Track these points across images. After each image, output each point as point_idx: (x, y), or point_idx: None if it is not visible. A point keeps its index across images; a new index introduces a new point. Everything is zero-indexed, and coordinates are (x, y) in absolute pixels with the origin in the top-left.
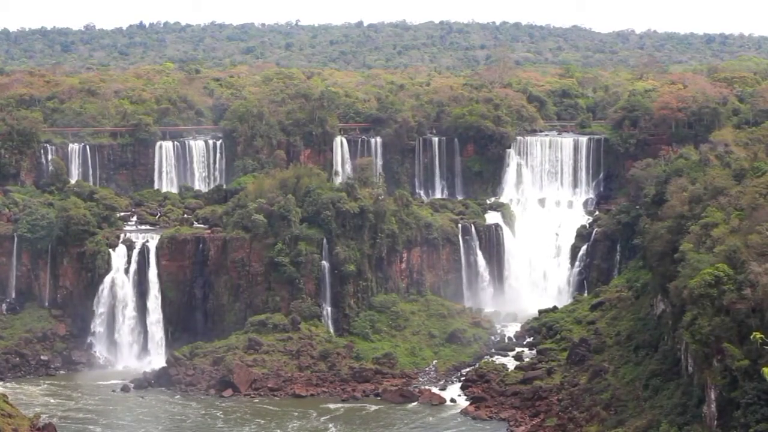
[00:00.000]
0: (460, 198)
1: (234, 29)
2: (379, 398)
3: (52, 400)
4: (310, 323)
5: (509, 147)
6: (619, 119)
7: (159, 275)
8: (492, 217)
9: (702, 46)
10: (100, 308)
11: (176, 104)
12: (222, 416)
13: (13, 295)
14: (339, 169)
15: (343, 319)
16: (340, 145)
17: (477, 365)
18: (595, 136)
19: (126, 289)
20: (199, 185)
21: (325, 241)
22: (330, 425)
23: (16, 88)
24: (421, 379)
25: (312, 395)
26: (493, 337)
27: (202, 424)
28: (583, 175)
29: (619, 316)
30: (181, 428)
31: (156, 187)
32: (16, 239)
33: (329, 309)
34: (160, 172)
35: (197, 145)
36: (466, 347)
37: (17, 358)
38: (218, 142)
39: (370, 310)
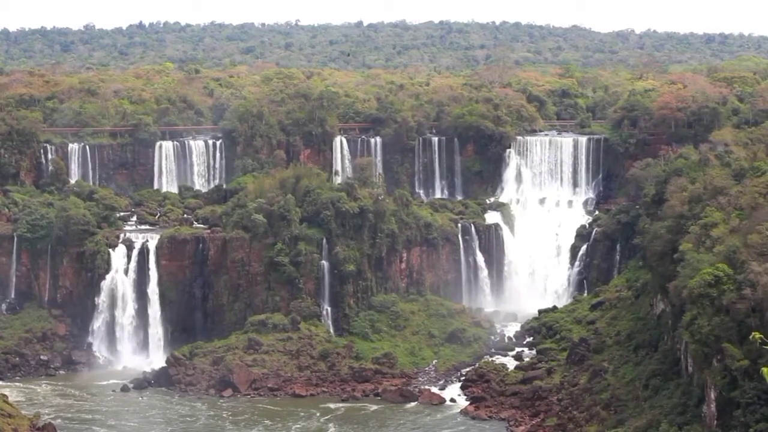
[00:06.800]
0: (459, 198)
1: (234, 29)
2: (378, 398)
3: (58, 400)
4: (310, 323)
5: (509, 147)
6: (619, 119)
7: (159, 275)
8: (492, 217)
9: (702, 46)
10: (100, 308)
11: (176, 104)
12: (230, 417)
13: (13, 295)
14: (339, 169)
15: (343, 318)
16: (339, 144)
17: (477, 365)
18: (595, 136)
19: (126, 289)
20: (199, 185)
21: (324, 240)
22: (330, 425)
23: (15, 88)
24: (421, 378)
25: (312, 395)
26: (492, 337)
27: (212, 426)
28: (582, 174)
29: (618, 315)
30: (189, 430)
31: (156, 187)
32: (15, 239)
33: (329, 309)
34: (160, 172)
35: (197, 145)
36: (465, 347)
37: (17, 358)
38: (218, 142)
39: (369, 309)
